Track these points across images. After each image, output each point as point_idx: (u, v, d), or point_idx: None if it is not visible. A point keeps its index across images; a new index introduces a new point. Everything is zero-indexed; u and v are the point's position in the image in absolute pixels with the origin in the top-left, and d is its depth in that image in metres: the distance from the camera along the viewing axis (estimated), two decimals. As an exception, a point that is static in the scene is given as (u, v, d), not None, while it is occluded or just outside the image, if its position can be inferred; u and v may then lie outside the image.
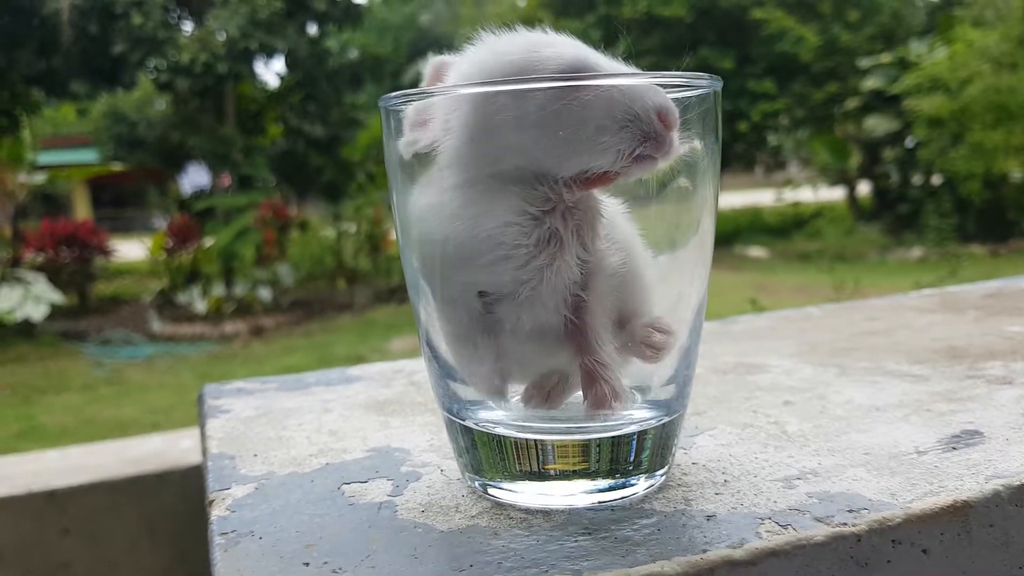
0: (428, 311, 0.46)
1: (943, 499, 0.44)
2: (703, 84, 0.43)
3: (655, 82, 0.42)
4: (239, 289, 8.60)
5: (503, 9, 16.04)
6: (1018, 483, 0.46)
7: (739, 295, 5.63)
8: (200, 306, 8.23)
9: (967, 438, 0.53)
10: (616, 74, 0.43)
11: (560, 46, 0.43)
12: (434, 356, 0.47)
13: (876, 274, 7.72)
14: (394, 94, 0.44)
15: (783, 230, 12.61)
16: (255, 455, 0.56)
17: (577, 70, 0.42)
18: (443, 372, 0.47)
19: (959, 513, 0.44)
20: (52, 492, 1.22)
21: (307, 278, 9.49)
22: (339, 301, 8.73)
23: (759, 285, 7.41)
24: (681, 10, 12.58)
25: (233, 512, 0.47)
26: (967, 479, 0.46)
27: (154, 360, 6.48)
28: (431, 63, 0.48)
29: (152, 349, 6.87)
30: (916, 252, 9.89)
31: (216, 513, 0.47)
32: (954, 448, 0.51)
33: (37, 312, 7.25)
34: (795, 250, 10.90)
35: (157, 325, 7.75)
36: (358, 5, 13.02)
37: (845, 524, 0.42)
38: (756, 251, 11.05)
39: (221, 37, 11.44)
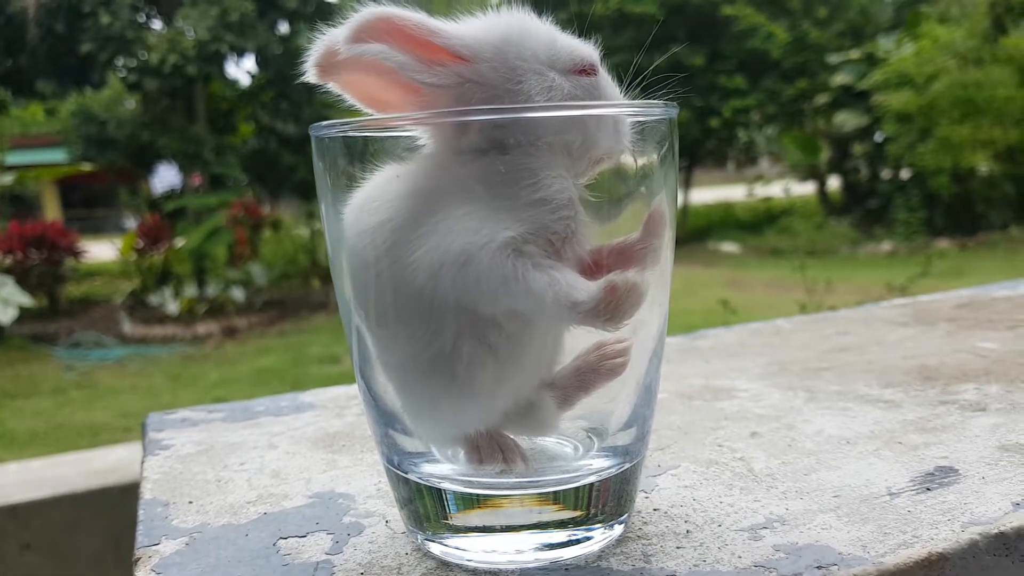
0: (362, 347, 0.43)
1: (918, 551, 0.41)
2: (657, 113, 0.41)
3: (615, 112, 0.40)
4: (211, 289, 8.52)
5: (474, 7, 15.97)
6: (996, 531, 0.43)
7: (711, 292, 5.62)
8: (172, 307, 8.14)
9: (941, 476, 0.50)
10: (574, 104, 0.41)
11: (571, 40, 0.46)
12: (374, 401, 0.44)
13: (847, 269, 7.75)
14: (326, 123, 0.41)
15: (755, 225, 12.65)
16: (190, 502, 0.53)
17: (593, 63, 0.44)
18: (383, 419, 0.44)
19: (935, 567, 0.41)
20: (13, 507, 1.18)
21: (281, 278, 9.42)
22: (313, 301, 8.66)
23: (731, 280, 7.43)
24: (652, 7, 12.58)
25: (158, 574, 0.43)
26: (942, 526, 0.44)
27: (125, 362, 6.40)
28: (361, 17, 0.41)
29: (123, 351, 6.79)
30: (886, 246, 9.95)
31: (140, 575, 0.43)
32: (928, 489, 0.48)
33: (6, 315, 7.15)
34: (767, 245, 10.94)
35: (128, 327, 7.66)
36: (329, 3, 12.94)
37: (813, 583, 0.39)
38: (728, 246, 11.09)
39: (191, 37, 11.32)
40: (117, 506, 1.24)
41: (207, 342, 7.12)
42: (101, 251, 10.01)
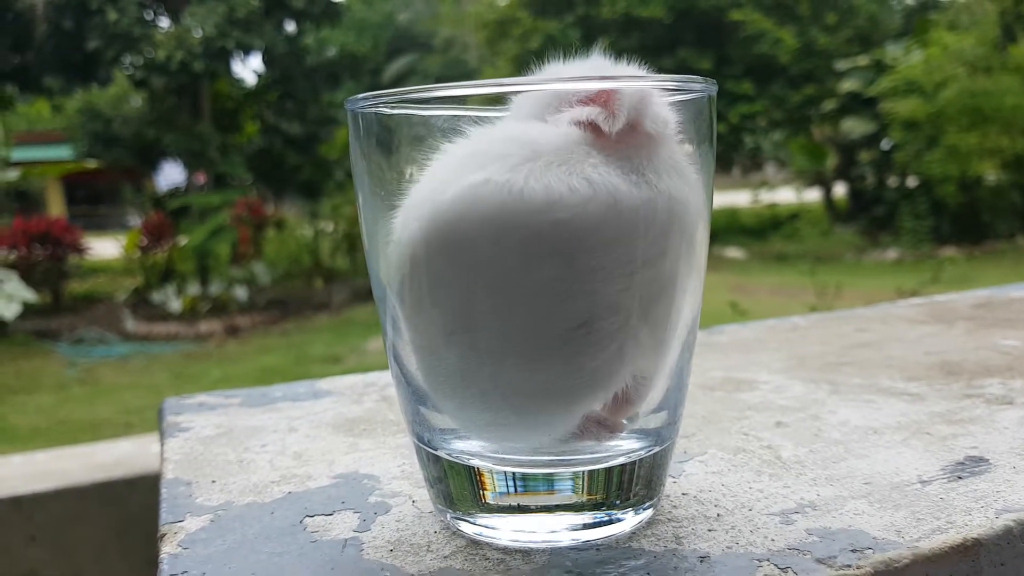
0: (396, 327, 0.43)
1: (952, 536, 0.41)
2: (697, 88, 0.40)
3: (650, 85, 0.39)
4: (214, 288, 8.54)
5: (482, 8, 16.00)
6: (1031, 518, 0.42)
7: (718, 296, 5.63)
8: (175, 305, 8.16)
9: (972, 466, 0.50)
10: (617, 76, 0.40)
11: None
12: (406, 379, 0.43)
13: (853, 275, 7.75)
14: (362, 96, 0.41)
15: (760, 231, 12.66)
16: (213, 481, 0.52)
17: None
18: (415, 397, 0.43)
19: (970, 552, 0.41)
20: (18, 498, 1.17)
21: (284, 277, 9.43)
22: (316, 300, 8.67)
23: (737, 286, 7.42)
24: (660, 11, 12.59)
25: (185, 549, 0.43)
26: (976, 513, 0.43)
27: (128, 360, 6.41)
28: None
29: (126, 348, 6.80)
30: (892, 254, 9.95)
31: (167, 550, 0.43)
32: (959, 477, 0.48)
33: (9, 311, 7.14)
34: (772, 251, 10.95)
35: (131, 324, 7.67)
36: (336, 3, 12.97)
37: (849, 566, 0.38)
38: (734, 252, 11.08)
39: (198, 35, 11.34)
40: (122, 499, 1.23)
41: (209, 340, 7.13)
42: (105, 248, 10.02)
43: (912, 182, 11.15)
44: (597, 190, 0.36)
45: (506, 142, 0.38)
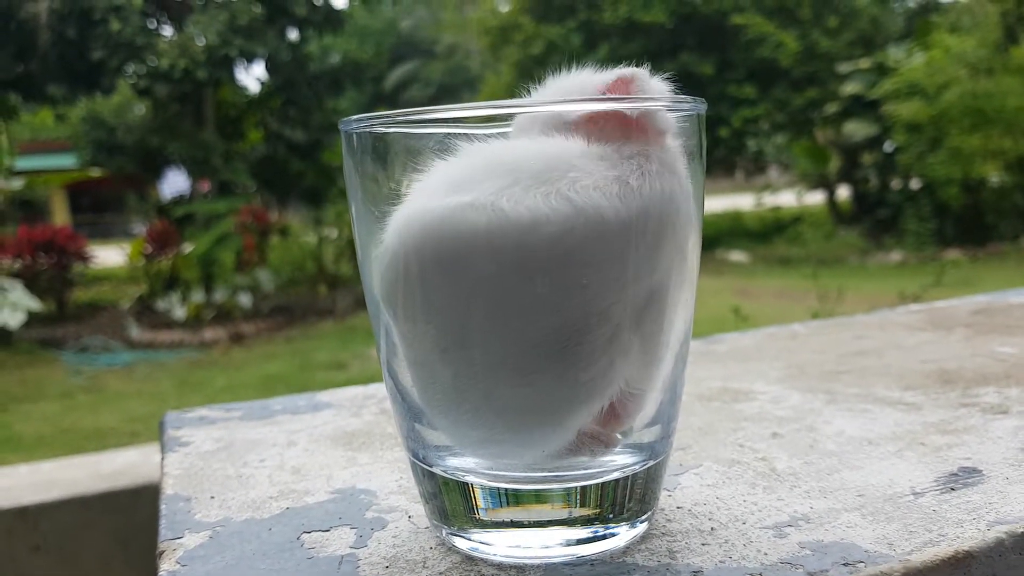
0: (390, 343, 0.43)
1: (944, 549, 0.41)
2: (686, 107, 0.41)
3: (637, 106, 0.39)
4: (219, 295, 8.53)
5: (484, 14, 16.02)
6: (1022, 530, 0.43)
7: (721, 301, 5.62)
8: (179, 312, 8.16)
9: (965, 477, 0.50)
10: (604, 98, 0.40)
11: None
12: (401, 396, 0.44)
13: (857, 278, 7.73)
14: (355, 117, 0.41)
15: (764, 234, 12.64)
16: (212, 497, 0.53)
17: None
18: (410, 414, 0.44)
19: (961, 564, 0.41)
20: (23, 508, 1.18)
21: (288, 284, 9.43)
22: (320, 307, 8.67)
23: (741, 290, 7.42)
24: (661, 16, 12.60)
25: (184, 566, 0.43)
26: (968, 525, 0.44)
27: (133, 367, 6.41)
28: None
29: (131, 356, 6.80)
30: (896, 256, 9.93)
31: (165, 567, 0.43)
32: (952, 489, 0.48)
33: (14, 319, 7.16)
34: (776, 254, 10.93)
35: (136, 332, 7.67)
36: (339, 10, 12.98)
37: (841, 580, 0.39)
38: (737, 255, 11.07)
39: (201, 43, 11.36)
40: (127, 508, 1.24)
41: (214, 347, 7.13)
42: (109, 256, 10.04)
43: (915, 184, 11.13)
44: (579, 208, 0.37)
45: (486, 168, 0.38)
